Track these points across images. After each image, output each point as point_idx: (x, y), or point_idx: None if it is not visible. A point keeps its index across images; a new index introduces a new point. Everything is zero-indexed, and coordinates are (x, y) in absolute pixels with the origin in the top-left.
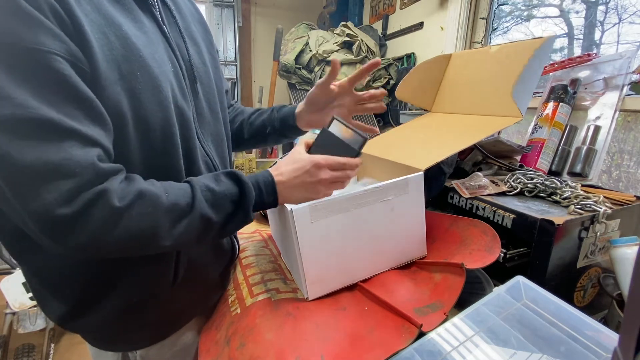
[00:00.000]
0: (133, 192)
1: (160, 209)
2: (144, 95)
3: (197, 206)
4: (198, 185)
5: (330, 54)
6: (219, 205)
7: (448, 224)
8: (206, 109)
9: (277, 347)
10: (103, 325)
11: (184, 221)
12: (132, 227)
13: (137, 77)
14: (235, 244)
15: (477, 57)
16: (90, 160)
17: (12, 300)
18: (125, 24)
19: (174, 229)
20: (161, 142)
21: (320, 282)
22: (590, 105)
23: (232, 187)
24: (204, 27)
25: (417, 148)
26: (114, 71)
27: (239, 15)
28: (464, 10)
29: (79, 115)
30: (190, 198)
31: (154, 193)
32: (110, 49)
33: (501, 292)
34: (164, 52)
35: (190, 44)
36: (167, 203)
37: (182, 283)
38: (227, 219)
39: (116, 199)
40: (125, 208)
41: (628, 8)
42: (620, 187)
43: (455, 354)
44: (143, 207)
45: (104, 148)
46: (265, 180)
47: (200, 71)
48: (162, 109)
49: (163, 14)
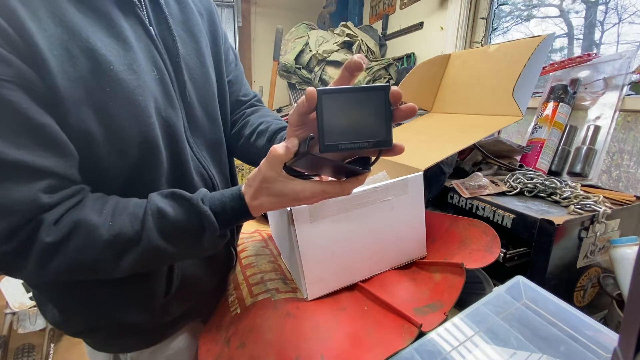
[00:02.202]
0: (68, 224)
1: (98, 242)
2: (115, 110)
3: (145, 237)
4: (151, 209)
5: (330, 53)
6: (172, 236)
7: (448, 224)
8: (200, 114)
9: (277, 347)
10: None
11: (131, 253)
12: (70, 260)
13: (107, 93)
14: (233, 252)
15: (476, 57)
16: (32, 196)
17: (12, 300)
18: (94, 35)
19: (120, 261)
20: (140, 157)
21: (320, 282)
22: (590, 105)
23: (187, 216)
24: (211, 16)
25: (417, 148)
26: (79, 88)
27: (239, 15)
28: (464, 10)
29: (29, 144)
30: (139, 225)
31: (91, 224)
32: (74, 65)
33: (501, 292)
34: (146, 59)
35: (183, 43)
36: (106, 235)
37: (174, 296)
38: (186, 250)
39: (46, 234)
40: (59, 243)
41: (628, 8)
42: (620, 187)
43: (455, 353)
44: (79, 240)
45: (57, 176)
46: (233, 208)
47: (193, 73)
48: (139, 122)
49: (150, 13)
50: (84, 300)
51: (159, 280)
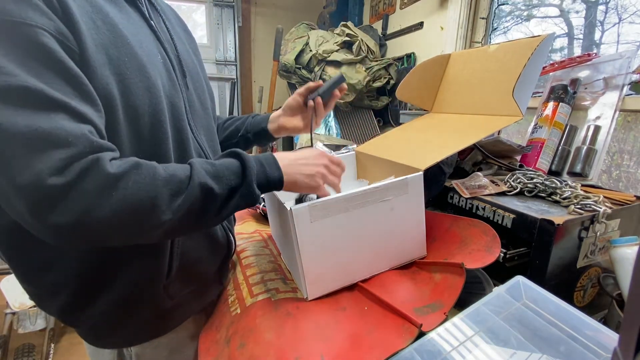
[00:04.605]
0: (129, 161)
1: (158, 178)
2: (132, 80)
3: (196, 176)
4: (196, 160)
5: (330, 53)
6: (220, 177)
7: (448, 224)
8: (197, 102)
9: (277, 347)
10: (100, 319)
11: (183, 193)
12: (129, 197)
13: (125, 63)
14: (232, 239)
15: (476, 57)
16: (82, 132)
17: (12, 300)
18: (112, 12)
19: (173, 200)
20: (150, 130)
21: (320, 282)
22: (590, 105)
23: (232, 160)
24: (189, 34)
25: (417, 148)
26: (102, 55)
27: (239, 15)
28: (464, 10)
29: (68, 92)
30: (188, 170)
31: (150, 164)
32: (98, 33)
33: (501, 292)
34: (152, 44)
35: (179, 41)
36: (164, 174)
37: (176, 277)
38: (230, 192)
39: (110, 166)
40: (121, 176)
41: (628, 8)
42: (620, 187)
43: (455, 354)
44: (140, 176)
45: (95, 126)
46: (266, 157)
47: (189, 67)
48: (151, 95)
49: (150, 11)
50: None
51: (161, 257)
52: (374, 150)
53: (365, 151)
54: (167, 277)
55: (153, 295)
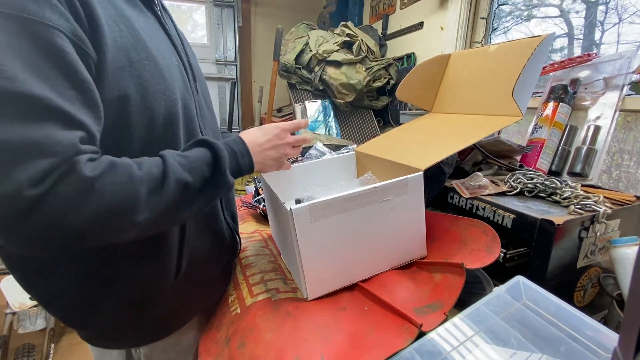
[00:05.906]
0: (104, 161)
1: (134, 177)
2: (151, 83)
3: (171, 172)
4: (168, 154)
5: (330, 53)
6: (193, 168)
7: (448, 224)
8: (205, 105)
9: (277, 347)
10: (109, 320)
11: (160, 190)
12: (106, 199)
13: (145, 66)
14: (237, 239)
15: (476, 57)
16: (72, 140)
17: (12, 300)
18: (133, 16)
19: (151, 199)
20: (162, 132)
21: (320, 282)
22: (590, 105)
23: (203, 150)
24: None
25: (417, 148)
26: (124, 58)
27: (239, 15)
28: (464, 10)
29: (71, 96)
30: (162, 165)
31: (125, 162)
32: (121, 37)
33: (501, 292)
34: (167, 48)
35: (187, 45)
36: (140, 172)
37: (184, 277)
38: (204, 182)
39: (86, 168)
40: (97, 177)
41: (628, 8)
42: (620, 187)
43: (455, 354)
44: (116, 177)
45: (89, 132)
46: (236, 143)
47: (197, 70)
48: (167, 98)
49: (163, 14)
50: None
51: (170, 256)
52: (374, 150)
53: (365, 151)
54: (176, 276)
55: (162, 295)
